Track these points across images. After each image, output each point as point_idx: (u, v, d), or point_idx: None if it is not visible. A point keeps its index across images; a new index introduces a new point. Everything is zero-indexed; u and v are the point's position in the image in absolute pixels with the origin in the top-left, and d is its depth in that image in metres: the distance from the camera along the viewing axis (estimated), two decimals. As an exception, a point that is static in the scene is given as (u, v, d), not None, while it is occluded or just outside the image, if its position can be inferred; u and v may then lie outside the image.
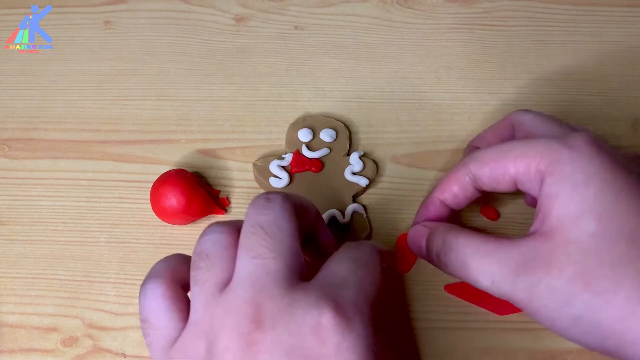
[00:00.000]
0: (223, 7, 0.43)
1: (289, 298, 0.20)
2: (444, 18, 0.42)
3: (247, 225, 0.22)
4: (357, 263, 0.22)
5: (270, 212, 0.22)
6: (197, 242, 0.22)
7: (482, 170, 0.26)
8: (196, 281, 0.21)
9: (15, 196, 0.35)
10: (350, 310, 0.20)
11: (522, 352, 0.29)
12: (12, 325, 0.31)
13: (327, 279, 0.21)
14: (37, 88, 0.39)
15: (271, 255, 0.20)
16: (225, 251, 0.21)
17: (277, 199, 0.22)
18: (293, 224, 0.22)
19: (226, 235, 0.22)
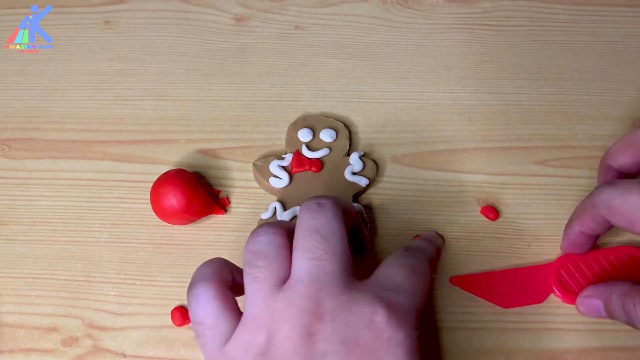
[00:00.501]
0: (223, 7, 0.43)
1: (347, 296, 0.22)
2: (444, 18, 0.42)
3: (303, 229, 0.23)
4: (412, 272, 0.25)
5: (323, 217, 0.24)
6: (249, 242, 0.24)
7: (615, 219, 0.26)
8: (254, 279, 0.23)
9: (15, 196, 0.35)
10: (400, 312, 0.22)
11: (522, 352, 0.29)
12: (12, 325, 0.31)
13: (382, 282, 0.24)
14: (37, 88, 0.39)
15: (327, 258, 0.23)
16: (280, 251, 0.23)
17: (328, 204, 0.24)
18: (343, 227, 0.24)
19: (278, 236, 0.24)
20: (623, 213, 0.25)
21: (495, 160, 0.35)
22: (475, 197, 0.34)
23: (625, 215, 0.25)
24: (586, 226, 0.28)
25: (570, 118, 0.37)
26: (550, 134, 0.36)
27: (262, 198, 0.34)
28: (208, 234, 0.33)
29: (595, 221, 0.27)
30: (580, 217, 0.28)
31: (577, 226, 0.29)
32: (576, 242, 0.29)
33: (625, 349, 0.29)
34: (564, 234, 0.30)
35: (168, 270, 0.32)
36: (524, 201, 0.33)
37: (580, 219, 0.28)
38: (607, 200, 0.26)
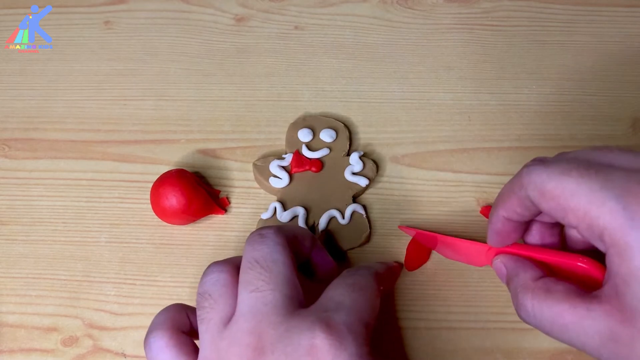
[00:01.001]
0: (223, 7, 0.43)
1: (287, 324, 0.21)
2: (443, 18, 0.42)
3: (245, 262, 0.23)
4: (353, 287, 0.24)
5: (264, 247, 0.23)
6: (199, 283, 0.24)
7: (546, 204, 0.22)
8: (202, 320, 0.23)
9: (15, 196, 0.35)
10: (342, 331, 0.21)
11: (522, 352, 0.29)
12: (12, 325, 0.31)
13: (323, 304, 0.23)
14: (37, 88, 0.39)
15: (269, 288, 0.22)
16: (226, 289, 0.23)
17: (269, 234, 0.24)
18: (287, 255, 0.23)
19: (225, 274, 0.24)
20: (557, 199, 0.21)
21: (495, 160, 0.35)
22: (475, 197, 0.34)
23: (560, 201, 0.21)
24: (512, 211, 0.24)
25: (570, 118, 0.37)
26: (550, 134, 0.36)
27: (262, 198, 0.34)
28: (208, 234, 0.33)
29: (523, 205, 0.23)
30: (505, 201, 0.24)
31: (502, 211, 0.24)
32: (502, 231, 0.25)
33: (625, 349, 0.29)
34: (488, 222, 0.26)
35: (168, 270, 0.32)
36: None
37: (505, 203, 0.24)
38: (539, 182, 0.21)
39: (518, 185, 0.23)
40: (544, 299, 0.22)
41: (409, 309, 0.30)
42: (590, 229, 0.20)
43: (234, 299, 0.23)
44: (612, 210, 0.19)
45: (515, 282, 0.24)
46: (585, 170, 0.20)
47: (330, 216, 0.32)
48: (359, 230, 0.32)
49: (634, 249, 0.19)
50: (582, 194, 0.20)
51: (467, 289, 0.31)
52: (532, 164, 0.23)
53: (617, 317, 0.19)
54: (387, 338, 0.30)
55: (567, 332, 0.21)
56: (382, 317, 0.30)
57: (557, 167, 0.21)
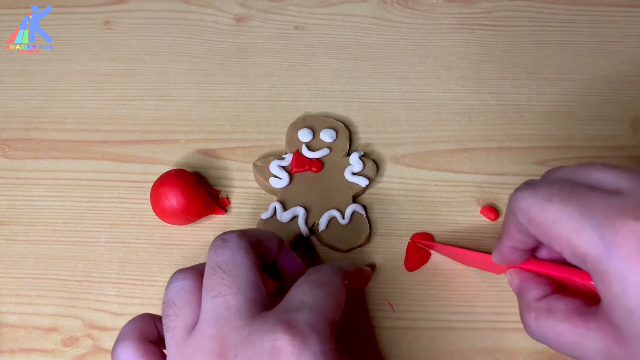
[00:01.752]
0: (223, 7, 0.43)
1: (250, 328, 0.21)
2: (443, 18, 0.42)
3: (208, 267, 0.23)
4: (315, 284, 0.23)
5: (227, 252, 0.23)
6: (165, 292, 0.24)
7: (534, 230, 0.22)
8: (167, 329, 0.23)
9: (15, 196, 0.35)
10: (305, 331, 0.21)
11: (522, 352, 0.29)
12: (12, 325, 0.31)
13: (286, 304, 0.22)
14: (37, 88, 0.39)
15: (231, 292, 0.22)
16: (190, 295, 0.23)
17: (232, 237, 0.24)
18: (250, 259, 0.23)
19: (189, 280, 0.23)
20: (541, 226, 0.21)
21: (495, 160, 0.35)
22: (475, 197, 0.34)
23: (544, 228, 0.21)
24: (516, 240, 0.24)
25: (570, 118, 0.37)
26: (550, 134, 0.36)
27: (262, 198, 0.34)
28: (208, 234, 0.33)
29: (520, 232, 0.23)
30: (506, 231, 0.24)
31: (507, 241, 0.25)
32: (508, 258, 0.26)
33: (625, 349, 0.29)
34: (495, 247, 0.26)
35: (168, 270, 0.32)
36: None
37: (508, 233, 0.24)
38: (526, 208, 0.22)
39: (510, 212, 0.23)
40: (546, 319, 0.23)
41: (409, 309, 0.30)
42: (573, 255, 0.20)
43: (198, 306, 0.23)
44: (590, 239, 0.19)
45: (521, 301, 0.25)
46: (567, 195, 0.21)
47: (330, 216, 0.32)
48: (359, 230, 0.32)
49: (612, 276, 0.19)
50: (563, 222, 0.20)
51: (467, 289, 0.31)
52: (520, 188, 0.23)
53: (612, 336, 0.20)
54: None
55: (571, 350, 0.22)
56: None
57: (541, 192, 0.21)
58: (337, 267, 0.26)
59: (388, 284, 0.31)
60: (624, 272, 0.19)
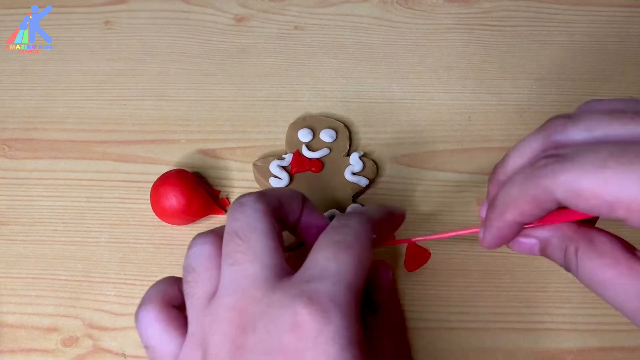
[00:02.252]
0: (223, 7, 0.43)
1: (268, 299, 0.20)
2: (444, 18, 0.42)
3: (225, 233, 0.22)
4: (339, 247, 0.21)
5: (242, 217, 0.22)
6: (185, 256, 0.23)
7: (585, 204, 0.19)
8: (187, 295, 0.22)
9: (15, 196, 0.35)
10: (326, 303, 0.19)
11: (522, 352, 0.29)
12: (12, 325, 0.31)
13: (307, 272, 0.21)
14: (37, 88, 0.39)
15: (247, 259, 0.21)
16: (209, 261, 0.22)
17: (249, 201, 0.22)
18: (267, 222, 0.22)
19: (208, 245, 0.23)
20: (599, 196, 0.18)
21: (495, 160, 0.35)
22: (475, 197, 0.34)
23: (604, 198, 0.18)
24: (525, 216, 0.21)
25: (570, 118, 0.37)
26: (550, 134, 0.36)
27: (262, 198, 0.34)
28: (208, 234, 0.33)
29: (541, 207, 0.20)
30: (517, 205, 0.21)
31: (511, 216, 0.22)
32: (506, 236, 0.23)
33: (625, 349, 0.29)
34: (487, 226, 0.23)
35: (168, 270, 0.32)
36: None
37: (519, 207, 0.21)
38: (571, 182, 0.18)
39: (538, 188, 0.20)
40: (588, 252, 0.20)
41: (409, 309, 0.30)
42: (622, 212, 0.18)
43: (217, 271, 0.22)
44: None
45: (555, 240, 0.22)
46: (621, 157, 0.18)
47: (331, 216, 0.32)
48: (359, 230, 0.32)
49: None
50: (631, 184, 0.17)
51: (467, 289, 0.31)
52: (550, 162, 0.19)
53: None
54: None
55: (606, 289, 0.20)
56: None
57: (587, 161, 0.18)
58: (365, 218, 0.23)
59: (388, 284, 0.31)
60: None
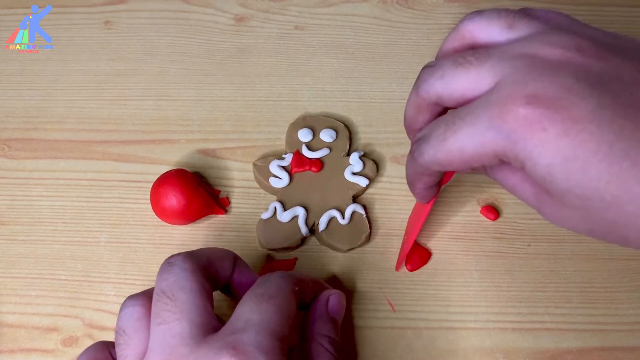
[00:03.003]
0: (223, 7, 0.43)
1: (195, 355, 0.21)
2: (444, 18, 0.42)
3: (154, 294, 0.23)
4: (261, 298, 0.22)
5: (170, 276, 0.23)
6: (116, 319, 0.23)
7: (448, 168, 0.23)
8: (119, 357, 0.22)
9: (15, 196, 0.35)
10: (251, 352, 0.20)
11: (522, 352, 0.29)
12: (12, 325, 0.31)
13: (232, 325, 0.22)
14: (37, 88, 0.39)
15: (174, 318, 0.21)
16: (139, 322, 0.23)
17: (177, 260, 0.23)
18: (195, 281, 0.23)
19: (138, 307, 0.23)
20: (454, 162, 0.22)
21: (495, 160, 0.35)
22: (475, 197, 0.34)
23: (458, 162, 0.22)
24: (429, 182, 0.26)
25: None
26: (550, 134, 0.36)
27: (262, 198, 0.34)
28: (208, 234, 0.33)
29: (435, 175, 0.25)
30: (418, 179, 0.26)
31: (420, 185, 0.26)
32: (429, 194, 0.28)
33: (625, 349, 0.29)
34: (413, 193, 0.28)
35: (168, 270, 0.32)
36: (524, 201, 0.33)
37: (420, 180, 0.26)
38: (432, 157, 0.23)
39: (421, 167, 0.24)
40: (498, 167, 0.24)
41: (410, 309, 0.30)
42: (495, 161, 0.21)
43: (147, 332, 0.22)
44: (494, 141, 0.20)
45: None
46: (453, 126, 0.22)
47: (330, 216, 0.32)
48: (359, 230, 0.32)
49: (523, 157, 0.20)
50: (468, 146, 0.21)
51: (467, 289, 0.31)
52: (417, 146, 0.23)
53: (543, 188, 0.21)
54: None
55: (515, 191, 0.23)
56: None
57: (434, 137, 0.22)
58: (287, 274, 0.25)
59: (388, 284, 0.31)
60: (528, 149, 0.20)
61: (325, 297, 0.27)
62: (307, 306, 0.27)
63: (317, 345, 0.25)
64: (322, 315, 0.26)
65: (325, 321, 0.26)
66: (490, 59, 0.22)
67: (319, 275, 0.31)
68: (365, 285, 0.31)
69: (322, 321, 0.26)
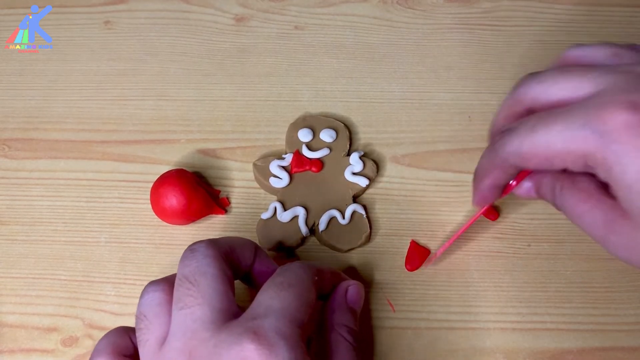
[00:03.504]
0: (223, 7, 0.43)
1: (216, 339, 0.21)
2: (444, 18, 0.42)
3: (177, 279, 0.23)
4: (281, 286, 0.23)
5: (193, 262, 0.23)
6: (137, 304, 0.24)
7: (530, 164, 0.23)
8: (140, 342, 0.23)
9: (15, 196, 0.35)
10: (272, 337, 0.21)
11: (522, 352, 0.29)
12: (12, 325, 0.31)
13: (253, 311, 0.22)
14: (37, 88, 0.39)
15: (196, 302, 0.22)
16: (160, 308, 0.23)
17: (200, 247, 0.24)
18: (217, 267, 0.23)
19: (159, 292, 0.23)
20: (538, 156, 0.22)
21: (495, 160, 0.35)
22: (475, 197, 0.34)
23: (543, 157, 0.22)
24: (499, 179, 0.26)
25: (570, 118, 0.37)
26: (550, 134, 0.36)
27: (262, 198, 0.34)
28: (208, 234, 0.33)
29: (508, 172, 0.25)
30: (490, 173, 0.26)
31: (489, 181, 0.26)
32: (489, 196, 0.28)
33: (625, 349, 0.29)
34: (475, 190, 0.28)
35: (168, 270, 0.32)
36: (524, 201, 0.33)
37: (492, 174, 0.26)
38: (517, 148, 0.23)
39: (499, 159, 0.24)
40: (568, 187, 0.23)
41: (410, 309, 0.30)
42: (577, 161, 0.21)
43: (168, 317, 0.23)
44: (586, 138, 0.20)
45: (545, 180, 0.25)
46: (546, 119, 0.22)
47: (331, 216, 0.32)
48: (359, 230, 0.32)
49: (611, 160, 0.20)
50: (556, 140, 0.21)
51: (467, 289, 0.31)
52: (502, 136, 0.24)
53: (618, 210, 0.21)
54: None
55: (581, 219, 0.23)
56: None
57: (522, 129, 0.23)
58: (307, 264, 0.25)
59: (388, 284, 0.31)
60: (620, 153, 0.20)
61: (344, 288, 0.27)
62: (326, 297, 0.27)
63: (337, 335, 0.25)
64: (340, 306, 0.27)
65: (344, 311, 0.26)
66: (596, 70, 0.22)
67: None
68: (365, 285, 0.31)
69: (341, 311, 0.26)
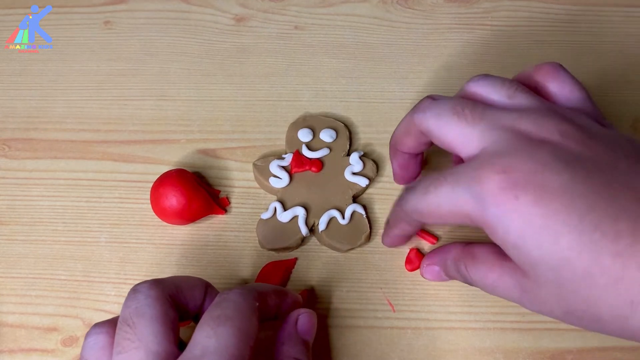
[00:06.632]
0: (223, 7, 0.43)
1: None
2: (444, 18, 0.42)
3: (118, 322, 0.22)
4: (218, 321, 0.22)
5: (133, 304, 0.22)
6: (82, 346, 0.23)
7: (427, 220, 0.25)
8: None
9: (15, 196, 0.35)
10: None
11: (522, 352, 0.29)
12: (12, 325, 0.31)
13: (189, 353, 0.21)
14: (37, 88, 0.39)
15: (133, 346, 0.21)
16: (102, 352, 0.23)
17: (142, 288, 0.23)
18: (158, 308, 0.22)
19: (103, 335, 0.23)
20: (432, 215, 0.24)
21: (495, 160, 0.35)
22: (475, 197, 0.34)
23: (435, 215, 0.24)
24: (406, 231, 0.28)
25: (570, 118, 0.37)
26: (550, 134, 0.36)
27: (262, 198, 0.34)
28: (208, 234, 0.33)
29: (412, 225, 0.27)
30: (397, 224, 0.28)
31: (397, 231, 0.29)
32: (398, 242, 0.30)
33: (625, 349, 0.29)
34: (385, 234, 0.30)
35: (168, 271, 0.32)
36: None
37: (398, 226, 0.28)
38: (413, 206, 0.25)
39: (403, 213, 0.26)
40: (473, 265, 0.26)
41: (410, 309, 0.30)
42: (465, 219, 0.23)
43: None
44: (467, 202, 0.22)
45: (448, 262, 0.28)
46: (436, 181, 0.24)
47: (330, 216, 0.32)
48: (359, 230, 0.32)
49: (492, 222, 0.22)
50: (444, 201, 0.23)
51: (467, 289, 0.31)
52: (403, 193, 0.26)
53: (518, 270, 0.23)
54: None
55: (495, 288, 0.24)
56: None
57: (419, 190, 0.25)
58: (247, 289, 0.24)
59: (388, 284, 0.31)
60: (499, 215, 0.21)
61: (294, 317, 0.26)
62: (275, 317, 0.26)
63: None
64: (291, 336, 0.25)
65: (294, 342, 0.25)
66: (483, 122, 0.24)
67: (318, 275, 0.32)
68: (365, 285, 0.31)
69: (291, 343, 0.25)
